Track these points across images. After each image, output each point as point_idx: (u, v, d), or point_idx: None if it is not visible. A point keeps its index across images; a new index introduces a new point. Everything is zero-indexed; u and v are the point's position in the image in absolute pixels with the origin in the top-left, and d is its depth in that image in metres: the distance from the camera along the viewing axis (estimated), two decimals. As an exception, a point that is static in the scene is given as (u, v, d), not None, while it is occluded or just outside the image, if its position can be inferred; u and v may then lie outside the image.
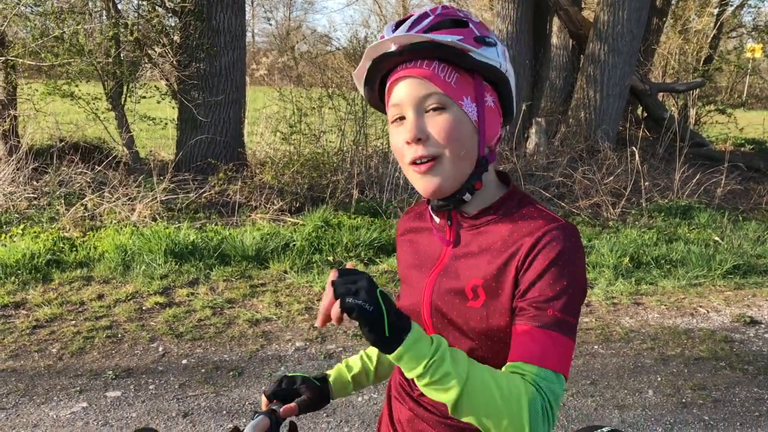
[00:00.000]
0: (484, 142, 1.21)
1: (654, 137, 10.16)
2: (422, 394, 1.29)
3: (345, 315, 0.99)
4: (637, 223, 6.99)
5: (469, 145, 1.19)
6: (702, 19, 13.01)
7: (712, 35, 12.77)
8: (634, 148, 7.97)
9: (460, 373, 1.01)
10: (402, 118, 1.19)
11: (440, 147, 1.17)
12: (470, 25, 1.19)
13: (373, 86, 1.25)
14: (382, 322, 0.99)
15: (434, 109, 1.17)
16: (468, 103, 1.19)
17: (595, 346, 4.30)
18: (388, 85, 1.22)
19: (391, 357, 1.01)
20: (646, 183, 7.77)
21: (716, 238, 6.48)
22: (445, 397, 1.02)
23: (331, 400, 1.51)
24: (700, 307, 5.03)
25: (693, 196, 7.80)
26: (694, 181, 7.91)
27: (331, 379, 1.52)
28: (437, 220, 1.31)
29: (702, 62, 12.51)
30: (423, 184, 1.20)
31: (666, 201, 7.66)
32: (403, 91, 1.18)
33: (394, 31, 1.17)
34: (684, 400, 3.66)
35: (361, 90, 1.28)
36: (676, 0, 13.05)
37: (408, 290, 1.35)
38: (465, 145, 1.19)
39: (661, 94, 11.14)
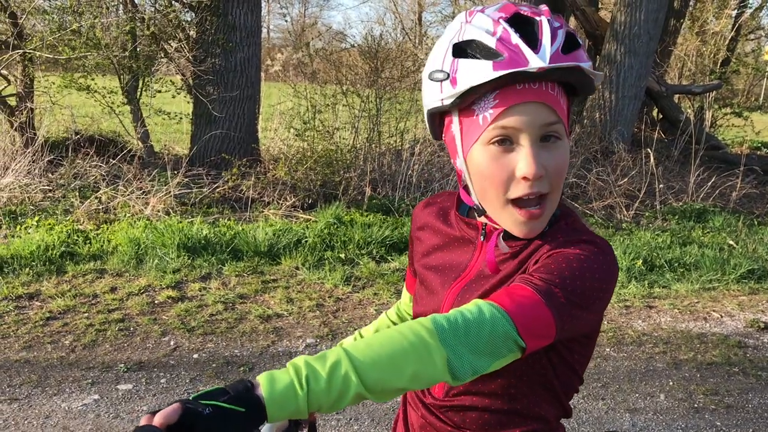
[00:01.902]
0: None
1: (669, 139, 10.09)
2: (434, 402, 1.24)
3: None
4: (650, 225, 6.95)
5: (564, 179, 1.11)
6: (720, 21, 12.91)
7: (729, 37, 12.68)
8: (649, 149, 7.92)
9: (335, 359, 0.87)
10: (507, 141, 1.04)
11: (552, 186, 1.06)
12: (581, 42, 1.07)
13: (469, 97, 1.05)
14: (225, 409, 0.82)
15: (549, 139, 1.05)
16: (568, 131, 1.10)
17: (607, 349, 4.28)
18: (498, 103, 1.03)
19: (269, 417, 0.84)
20: (661, 185, 7.71)
21: (731, 242, 6.43)
22: (364, 390, 0.87)
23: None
24: (714, 311, 4.99)
25: (708, 199, 7.74)
26: (709, 184, 7.85)
27: None
28: (506, 248, 1.15)
29: (719, 64, 12.42)
30: (526, 229, 1.08)
31: (680, 204, 7.60)
32: (525, 116, 1.02)
33: (527, 40, 1.01)
34: (696, 405, 3.64)
35: (448, 98, 1.06)
36: (694, 1, 12.95)
37: (426, 295, 1.27)
38: (564, 180, 1.10)
39: (677, 96, 11.06)
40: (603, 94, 9.29)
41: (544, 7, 1.08)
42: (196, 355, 3.92)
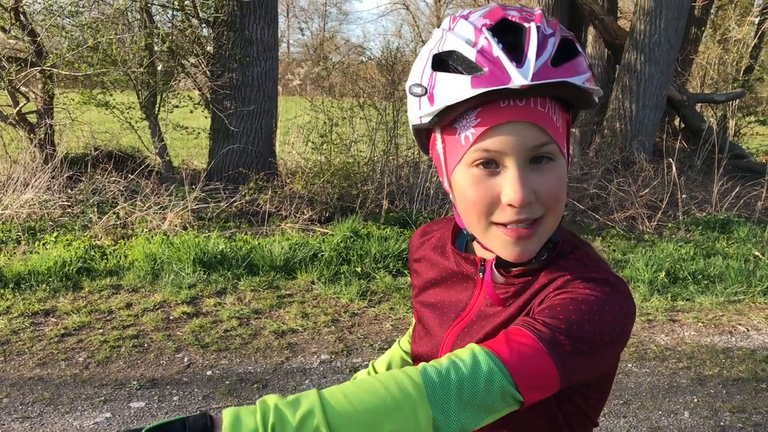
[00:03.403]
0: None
1: (692, 149, 9.94)
2: None
3: None
4: (673, 236, 6.81)
5: (564, 202, 0.99)
6: (742, 28, 12.72)
7: (752, 45, 12.47)
8: (671, 159, 7.79)
9: (308, 409, 0.80)
10: (492, 163, 0.94)
11: (546, 209, 0.96)
12: (580, 50, 0.96)
13: (449, 115, 0.94)
14: None
15: (541, 160, 0.94)
16: (565, 149, 0.98)
17: (629, 365, 4.17)
18: (479, 123, 0.92)
19: None
20: (683, 195, 7.58)
21: (756, 253, 6.28)
22: None
23: None
24: (740, 325, 4.86)
25: (732, 209, 7.58)
26: (734, 194, 7.70)
27: None
28: (500, 278, 1.06)
29: (742, 72, 12.22)
30: (516, 251, 0.97)
31: (704, 214, 7.46)
32: (510, 138, 0.91)
33: (509, 52, 0.90)
34: (722, 424, 3.52)
35: (426, 116, 0.97)
36: (715, 9, 12.79)
37: (425, 335, 1.18)
38: (563, 204, 0.99)
39: (699, 104, 10.91)
40: (623, 104, 9.19)
41: (537, 11, 0.96)
42: (209, 372, 3.88)
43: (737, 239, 6.77)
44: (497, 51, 0.90)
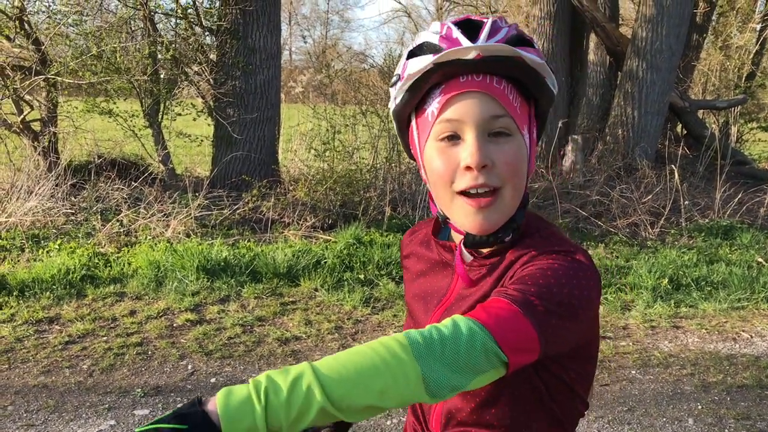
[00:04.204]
0: (529, 176, 1.10)
1: (694, 155, 9.94)
2: None
3: None
4: (676, 243, 6.81)
5: (524, 179, 1.08)
6: (744, 35, 12.73)
7: (754, 51, 12.49)
8: (673, 166, 7.80)
9: (298, 373, 0.84)
10: (455, 137, 1.04)
11: (503, 179, 1.04)
12: (536, 47, 1.07)
13: (418, 93, 1.07)
14: (163, 430, 0.79)
15: (499, 134, 1.04)
16: (525, 132, 1.07)
17: (633, 371, 4.17)
18: (442, 96, 1.04)
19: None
20: (686, 202, 7.58)
21: (760, 260, 6.27)
22: (329, 406, 0.82)
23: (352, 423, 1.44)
24: (743, 331, 4.85)
25: (735, 215, 7.58)
26: (736, 200, 7.70)
27: None
28: (468, 257, 1.15)
29: (744, 79, 12.23)
30: (478, 220, 1.05)
31: (707, 221, 7.45)
32: (468, 107, 1.02)
33: (467, 36, 1.02)
34: (727, 431, 3.51)
35: (398, 94, 1.09)
36: (716, 16, 12.80)
37: (414, 326, 1.27)
38: (523, 180, 1.07)
39: (701, 111, 10.91)
40: (625, 111, 9.20)
41: (499, 17, 1.10)
42: (213, 379, 3.89)
43: (740, 246, 6.77)
44: (456, 33, 1.04)
